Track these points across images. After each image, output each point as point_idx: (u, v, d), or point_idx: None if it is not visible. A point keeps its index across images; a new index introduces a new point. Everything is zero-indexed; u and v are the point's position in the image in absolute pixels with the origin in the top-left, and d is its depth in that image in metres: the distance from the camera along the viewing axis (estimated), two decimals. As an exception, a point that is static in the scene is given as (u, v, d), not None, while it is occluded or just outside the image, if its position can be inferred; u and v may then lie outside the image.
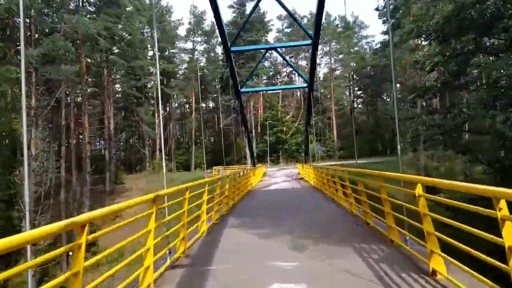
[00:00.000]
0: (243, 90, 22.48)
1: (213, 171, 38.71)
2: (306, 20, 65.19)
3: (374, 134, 67.43)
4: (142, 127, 48.12)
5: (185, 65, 61.42)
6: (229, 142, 61.57)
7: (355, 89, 69.80)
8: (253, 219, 9.19)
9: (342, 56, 65.43)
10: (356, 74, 67.64)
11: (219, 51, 61.39)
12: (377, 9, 51.74)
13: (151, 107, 50.92)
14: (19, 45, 23.12)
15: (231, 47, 19.12)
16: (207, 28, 58.45)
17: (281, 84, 66.67)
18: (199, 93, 53.96)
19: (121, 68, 39.34)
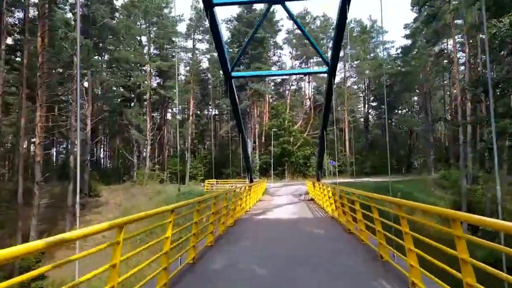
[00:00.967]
0: (235, 74, 16.54)
1: (205, 185, 32.68)
2: (318, 22, 59.86)
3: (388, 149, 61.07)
4: (130, 132, 42.44)
5: (185, 66, 56.01)
6: (231, 152, 55.89)
7: (371, 99, 63.70)
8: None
9: (357, 62, 59.60)
10: (372, 82, 61.72)
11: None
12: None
13: (143, 109, 45.34)
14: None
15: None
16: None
17: (289, 93, 60.74)
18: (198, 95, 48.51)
19: (89, 52, 33.42)
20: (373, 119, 66.36)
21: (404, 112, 63.75)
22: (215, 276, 5.35)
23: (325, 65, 14.97)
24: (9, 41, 33.90)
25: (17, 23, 36.12)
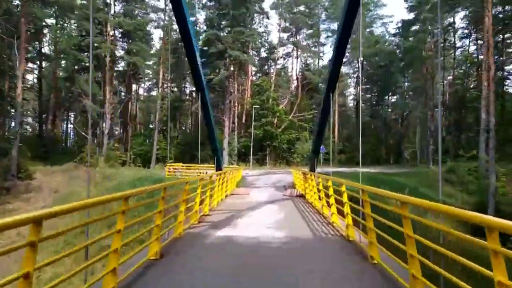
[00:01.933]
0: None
1: (166, 170, 26.27)
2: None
3: (377, 138, 56.08)
4: (83, 102, 35.25)
5: (156, 31, 48.42)
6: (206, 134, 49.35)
7: (363, 80, 58.07)
8: None
9: (351, 38, 53.49)
10: (366, 62, 55.89)
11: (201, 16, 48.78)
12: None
13: (102, 76, 38.07)
14: None
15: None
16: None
17: (276, 72, 53.60)
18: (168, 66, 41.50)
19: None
20: (365, 103, 60.97)
21: (397, 97, 58.53)
22: None
23: None
24: None
25: None
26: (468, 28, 43.76)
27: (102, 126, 39.71)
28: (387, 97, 58.81)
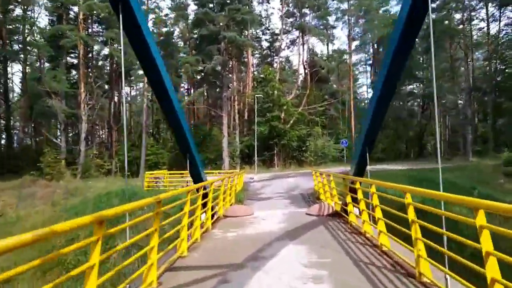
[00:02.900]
0: None
1: (145, 181, 20.14)
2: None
3: (396, 131, 49.64)
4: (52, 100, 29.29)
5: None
6: (204, 134, 43.31)
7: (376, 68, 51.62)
8: None
9: (364, 20, 47.23)
10: (382, 46, 49.38)
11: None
12: None
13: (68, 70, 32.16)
14: None
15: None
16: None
17: (279, 66, 46.84)
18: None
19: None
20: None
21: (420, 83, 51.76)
22: None
23: None
24: None
25: None
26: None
27: (80, 130, 33.80)
28: (404, 86, 52.28)
